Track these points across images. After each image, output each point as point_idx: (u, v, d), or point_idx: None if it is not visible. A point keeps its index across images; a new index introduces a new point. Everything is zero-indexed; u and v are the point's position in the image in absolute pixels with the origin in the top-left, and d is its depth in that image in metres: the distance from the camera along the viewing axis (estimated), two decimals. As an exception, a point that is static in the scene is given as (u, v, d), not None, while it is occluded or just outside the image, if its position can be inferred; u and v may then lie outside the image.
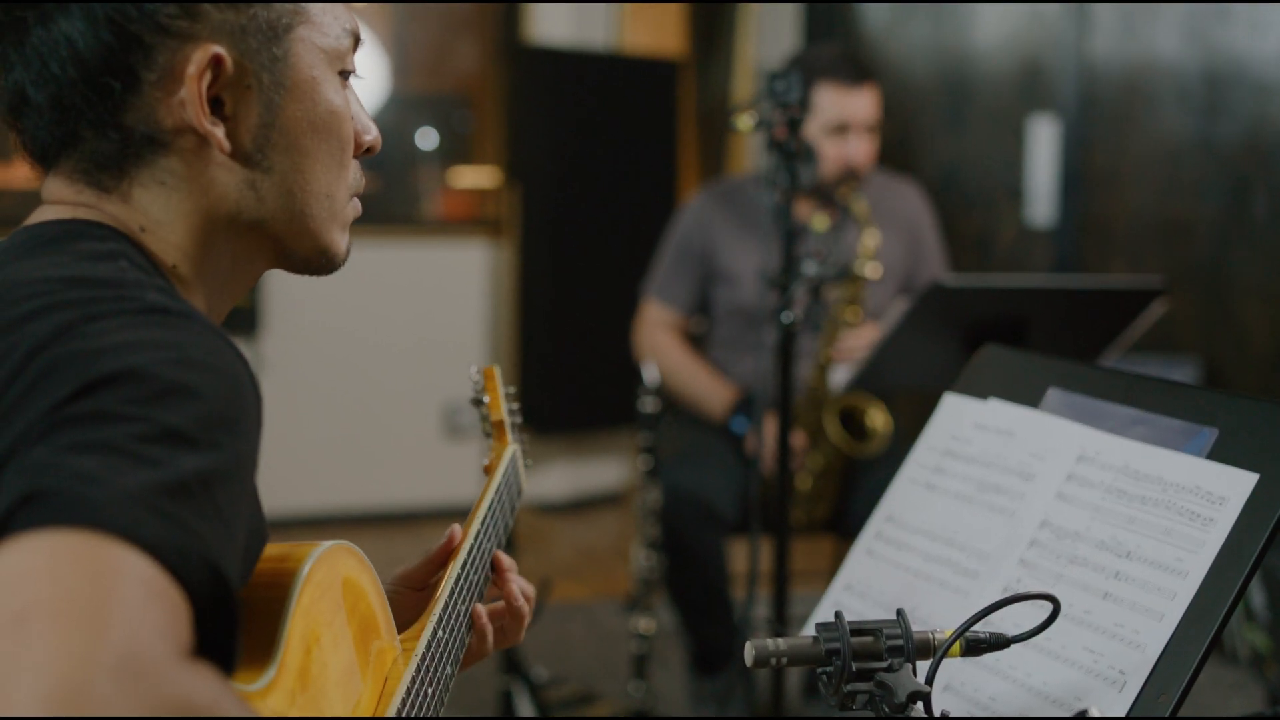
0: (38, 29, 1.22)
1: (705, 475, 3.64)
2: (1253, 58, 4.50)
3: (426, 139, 6.24)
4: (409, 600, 1.59)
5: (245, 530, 1.10)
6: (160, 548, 0.96)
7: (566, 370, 6.03)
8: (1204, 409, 1.55)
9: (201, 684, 0.94)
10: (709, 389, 3.80)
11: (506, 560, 1.65)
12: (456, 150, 6.33)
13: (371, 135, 1.38)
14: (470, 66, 6.27)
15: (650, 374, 3.49)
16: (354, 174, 1.37)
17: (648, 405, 3.48)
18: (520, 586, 1.64)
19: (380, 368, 5.87)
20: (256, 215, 1.29)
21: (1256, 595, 4.07)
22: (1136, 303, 3.27)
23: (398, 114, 6.15)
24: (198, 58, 1.22)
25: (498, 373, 1.87)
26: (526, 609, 1.63)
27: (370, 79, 5.89)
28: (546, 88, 5.94)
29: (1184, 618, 1.42)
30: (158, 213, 1.26)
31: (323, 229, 1.34)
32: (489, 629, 1.58)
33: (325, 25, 1.31)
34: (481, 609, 1.58)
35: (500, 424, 1.84)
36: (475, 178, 6.28)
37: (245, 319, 5.55)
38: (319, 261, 1.36)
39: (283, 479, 5.72)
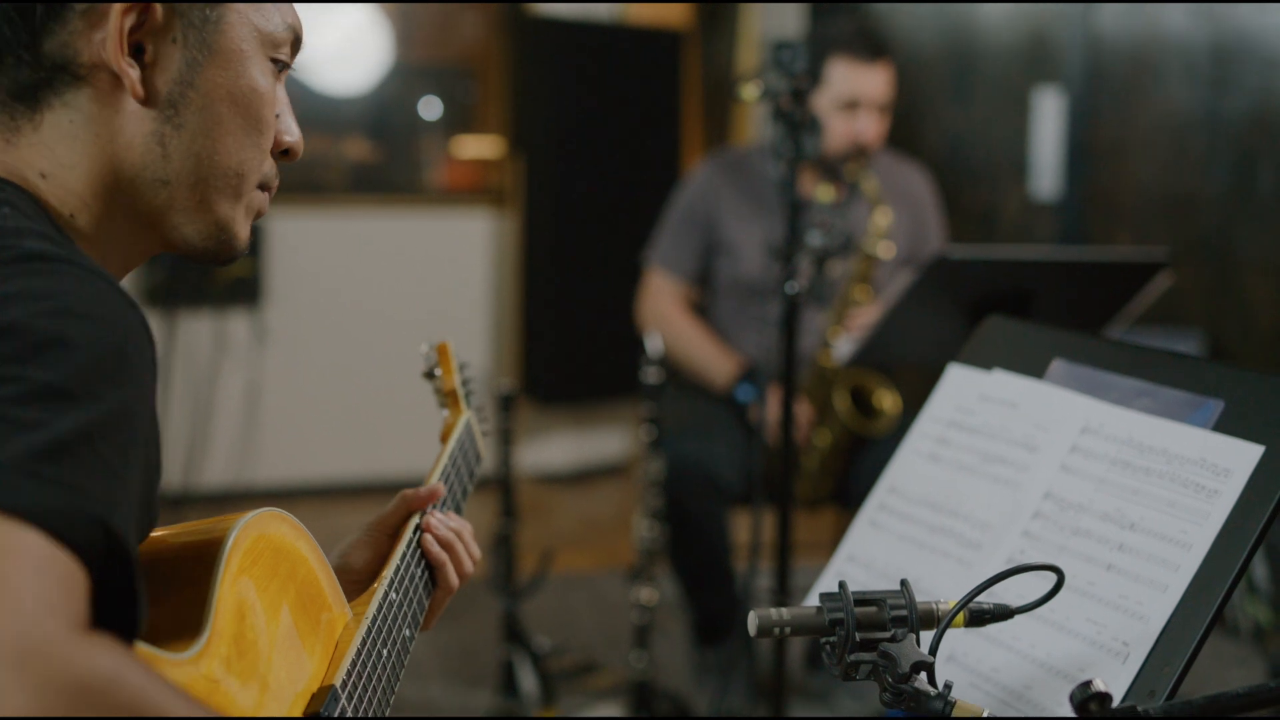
0: None
1: (708, 446, 3.64)
2: (1260, 31, 4.49)
3: (430, 109, 6.23)
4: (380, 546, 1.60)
5: (142, 477, 1.09)
6: (46, 515, 0.95)
7: (569, 341, 6.03)
8: (1210, 381, 1.54)
9: (102, 656, 0.93)
10: (714, 358, 3.79)
11: (456, 522, 1.64)
12: (460, 120, 6.32)
13: (293, 137, 1.37)
14: (474, 36, 6.25)
15: (653, 344, 3.49)
16: (269, 167, 1.36)
17: (651, 376, 3.47)
18: (441, 536, 1.60)
19: (383, 338, 5.86)
20: (160, 174, 1.28)
21: (1259, 568, 4.07)
22: (1141, 276, 3.26)
23: (401, 83, 6.13)
24: None
25: (452, 348, 1.91)
26: (447, 563, 1.61)
27: (374, 47, 5.87)
28: (551, 58, 5.92)
29: (1188, 590, 1.42)
30: (63, 154, 1.25)
31: (224, 204, 1.32)
32: (445, 559, 1.58)
33: (266, 10, 1.32)
34: (430, 539, 1.58)
35: (453, 393, 1.88)
36: (479, 148, 6.27)
37: (247, 290, 5.54)
38: (216, 241, 1.33)
39: (284, 449, 5.72)
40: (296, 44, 1.37)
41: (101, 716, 0.92)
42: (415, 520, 1.58)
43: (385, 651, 1.41)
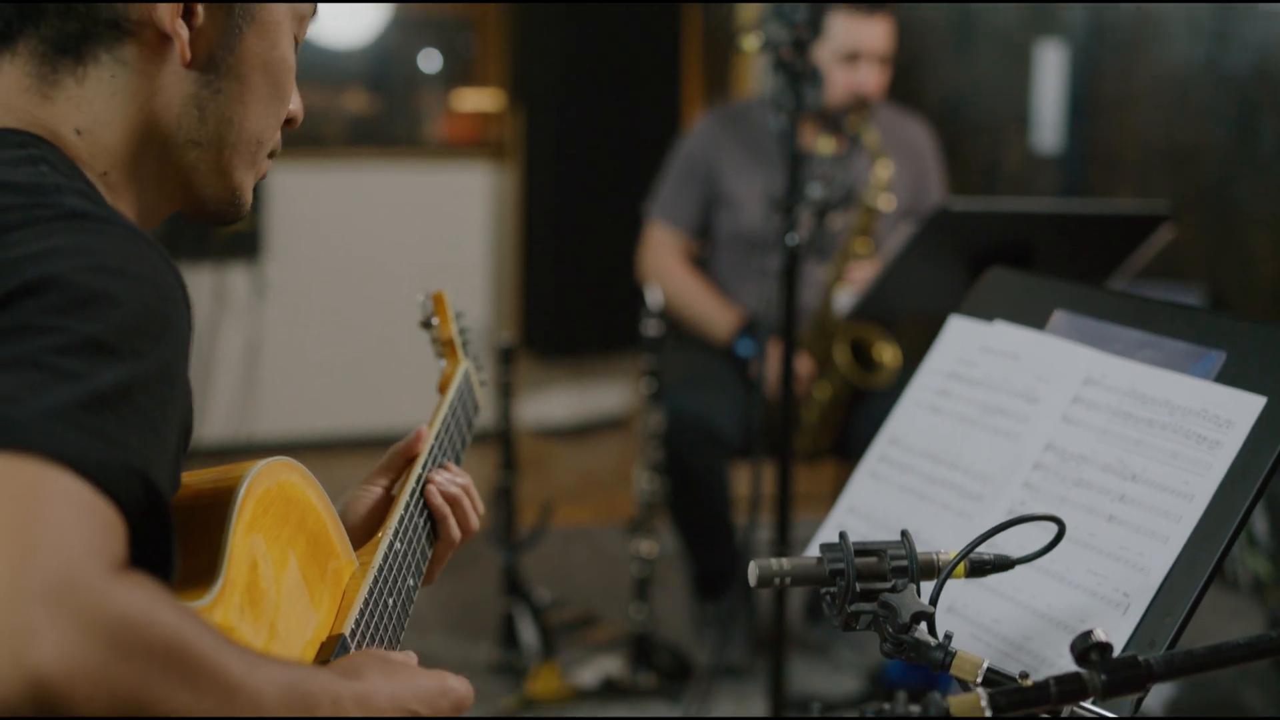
0: None
1: (708, 399, 3.64)
2: (1264, -18, 4.46)
3: (430, 61, 6.19)
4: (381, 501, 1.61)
5: (177, 434, 1.10)
6: (86, 463, 0.96)
7: (569, 294, 6.02)
8: (1212, 332, 1.54)
9: (137, 595, 0.95)
10: (714, 311, 3.79)
11: (462, 477, 1.64)
12: (460, 73, 6.28)
13: (297, 107, 1.39)
14: (473, -12, 6.22)
15: (654, 297, 3.48)
16: (279, 135, 1.38)
17: (651, 329, 3.47)
18: (445, 491, 1.61)
19: (382, 291, 5.85)
20: (194, 136, 1.29)
21: (1259, 522, 4.08)
22: (1143, 228, 3.26)
23: (401, 35, 6.09)
24: None
25: (448, 297, 1.91)
26: (449, 512, 1.61)
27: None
28: (550, 9, 5.89)
29: (1189, 541, 1.42)
30: (101, 110, 1.24)
31: (241, 170, 1.34)
32: (447, 512, 1.59)
33: None
34: (433, 490, 1.59)
35: (450, 343, 1.88)
36: (478, 100, 6.24)
37: (248, 243, 5.53)
38: (227, 203, 1.35)
39: (284, 403, 5.72)
40: (313, 18, 1.39)
41: (139, 651, 0.93)
42: (418, 470, 1.58)
43: (391, 601, 1.42)
